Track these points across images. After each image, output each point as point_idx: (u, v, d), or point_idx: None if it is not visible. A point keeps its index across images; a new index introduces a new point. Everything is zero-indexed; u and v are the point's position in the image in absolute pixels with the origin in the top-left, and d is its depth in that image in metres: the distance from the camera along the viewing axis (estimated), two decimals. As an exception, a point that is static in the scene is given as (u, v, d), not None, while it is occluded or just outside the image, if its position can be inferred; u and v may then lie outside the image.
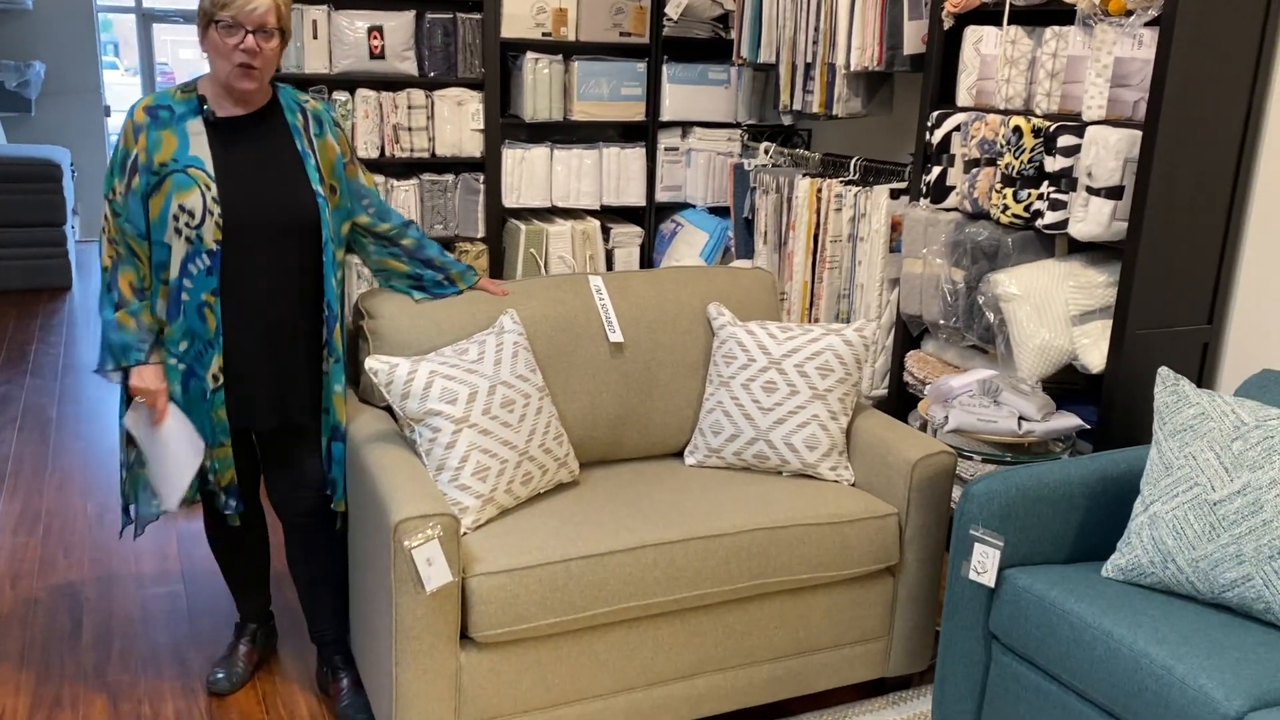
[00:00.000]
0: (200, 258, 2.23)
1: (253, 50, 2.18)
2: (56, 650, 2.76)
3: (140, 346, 2.26)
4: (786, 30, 3.89)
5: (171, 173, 2.20)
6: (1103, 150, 2.72)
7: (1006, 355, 2.97)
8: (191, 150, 2.22)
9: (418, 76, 4.13)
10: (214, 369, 2.30)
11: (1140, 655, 1.97)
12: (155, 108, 2.24)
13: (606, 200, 4.49)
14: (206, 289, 2.25)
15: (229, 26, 2.17)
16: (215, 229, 2.22)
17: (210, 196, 2.20)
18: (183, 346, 2.29)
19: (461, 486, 2.29)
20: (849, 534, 2.46)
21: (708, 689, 2.43)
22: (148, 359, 2.27)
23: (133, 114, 2.23)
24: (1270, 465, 2.06)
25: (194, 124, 2.24)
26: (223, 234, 2.23)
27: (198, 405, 2.34)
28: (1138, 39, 2.71)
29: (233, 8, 2.16)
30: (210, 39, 2.20)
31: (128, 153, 2.22)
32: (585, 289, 2.74)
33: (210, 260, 2.23)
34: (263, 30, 2.19)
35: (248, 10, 2.16)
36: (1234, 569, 2.06)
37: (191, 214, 2.20)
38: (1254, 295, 2.85)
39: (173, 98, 2.26)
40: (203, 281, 2.24)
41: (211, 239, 2.22)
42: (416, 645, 2.11)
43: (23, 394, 4.68)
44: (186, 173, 2.20)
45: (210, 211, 2.20)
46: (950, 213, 3.27)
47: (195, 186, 2.20)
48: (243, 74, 2.20)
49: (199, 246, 2.22)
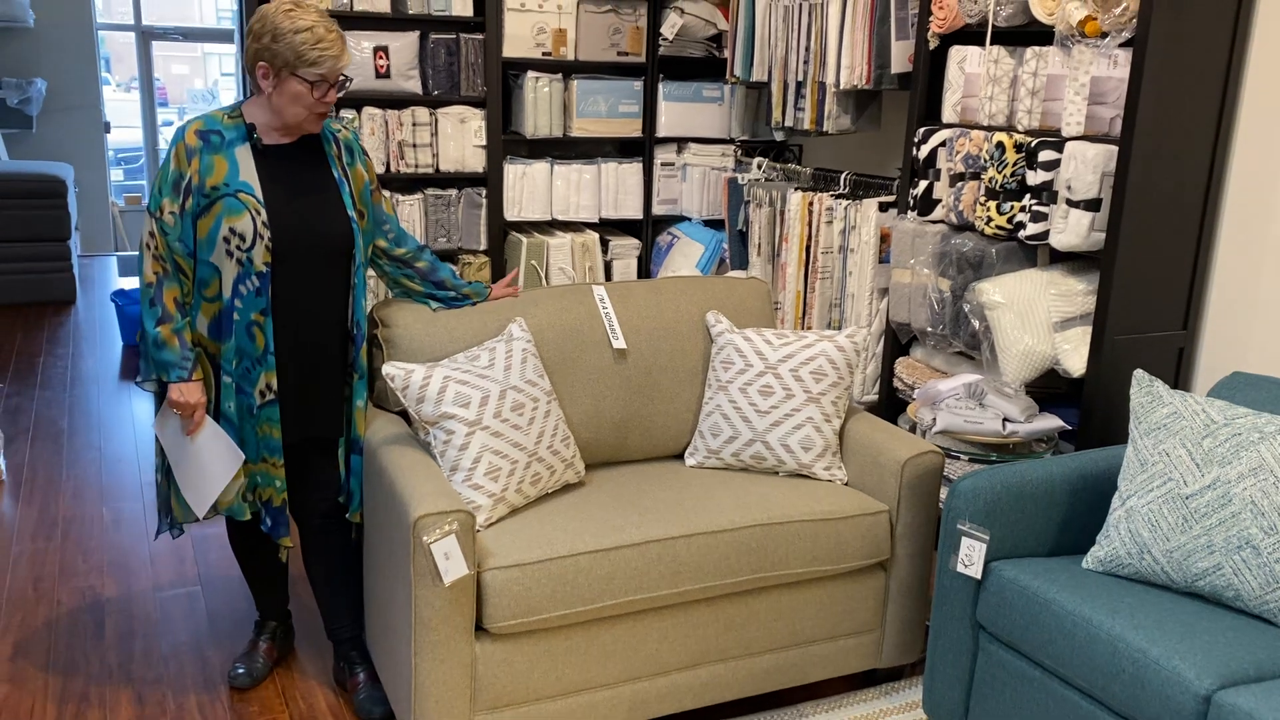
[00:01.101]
0: (250, 279, 2.34)
1: (331, 102, 2.33)
2: (81, 648, 2.86)
3: (183, 364, 2.36)
4: (778, 50, 4.03)
5: (222, 196, 2.31)
6: (1081, 165, 2.86)
7: (991, 360, 3.09)
8: (241, 175, 2.33)
9: (422, 95, 4.26)
10: (261, 385, 2.41)
11: (1118, 640, 2.09)
12: (206, 132, 2.34)
13: (605, 213, 4.62)
14: (256, 309, 2.36)
15: (317, 83, 2.30)
16: (265, 251, 2.33)
17: (260, 221, 2.32)
18: (234, 364, 2.40)
19: (475, 486, 2.40)
20: (843, 530, 2.58)
21: (709, 679, 2.55)
22: (190, 376, 2.37)
23: (184, 136, 2.32)
24: (1238, 460, 2.19)
25: (242, 150, 2.35)
26: (272, 256, 2.35)
27: (245, 421, 2.44)
28: (1113, 59, 2.85)
29: (323, 67, 2.28)
30: (287, 87, 2.30)
31: (181, 174, 2.32)
32: (589, 298, 2.86)
33: (260, 281, 2.35)
34: (337, 82, 2.34)
35: (336, 69, 2.30)
36: (1205, 559, 2.18)
37: (242, 237, 2.31)
38: (1226, 302, 2.99)
39: (221, 123, 2.36)
40: (252, 302, 2.36)
41: (261, 261, 2.34)
42: (434, 636, 2.22)
43: (34, 405, 4.78)
44: (237, 197, 2.31)
45: (260, 235, 2.32)
46: (937, 225, 3.41)
47: (246, 211, 2.31)
48: (316, 120, 2.35)
49: (249, 268, 2.34)
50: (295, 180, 2.39)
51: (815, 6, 3.82)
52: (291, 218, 2.36)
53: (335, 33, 2.32)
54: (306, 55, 2.27)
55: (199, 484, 2.43)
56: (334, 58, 2.29)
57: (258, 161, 2.36)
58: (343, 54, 2.32)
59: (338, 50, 2.30)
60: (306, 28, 2.27)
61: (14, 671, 2.74)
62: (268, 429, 2.44)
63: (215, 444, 2.41)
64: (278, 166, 2.38)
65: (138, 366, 5.26)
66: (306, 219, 2.38)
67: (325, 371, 2.48)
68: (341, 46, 2.32)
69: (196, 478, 2.43)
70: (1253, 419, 2.21)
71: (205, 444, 2.40)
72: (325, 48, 2.28)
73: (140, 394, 4.99)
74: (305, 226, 2.38)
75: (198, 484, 2.43)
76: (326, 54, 2.28)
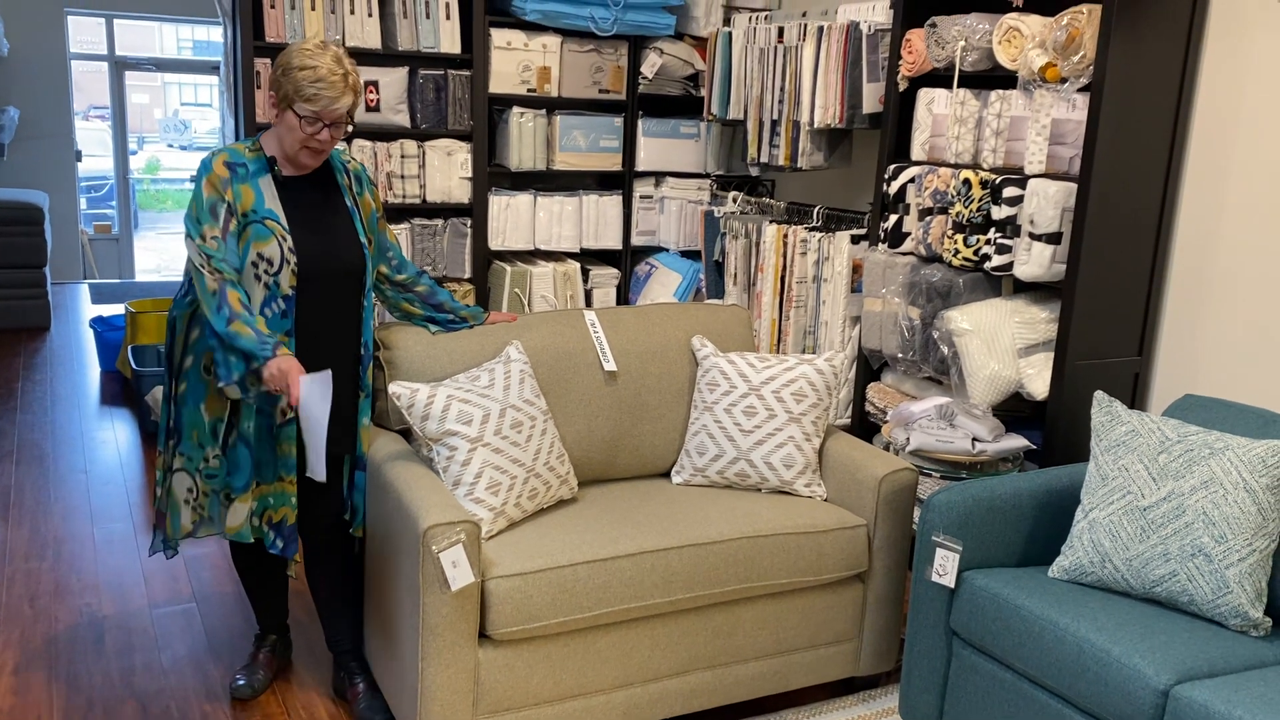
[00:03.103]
0: (276, 302, 2.45)
1: (326, 141, 2.43)
2: (82, 662, 2.92)
3: (264, 344, 2.36)
4: (754, 90, 4.22)
5: (251, 223, 2.43)
6: (1043, 200, 3.05)
7: (960, 385, 3.27)
8: (266, 204, 2.45)
9: (410, 128, 4.39)
10: (282, 404, 2.51)
11: (1083, 641, 2.24)
12: (233, 164, 2.45)
13: (586, 244, 4.77)
14: (281, 331, 2.47)
15: (310, 119, 2.40)
16: (291, 275, 2.45)
17: (286, 247, 2.44)
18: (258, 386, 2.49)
19: (476, 500, 2.52)
20: (824, 543, 2.72)
21: (697, 685, 2.67)
22: (274, 352, 2.36)
23: (213, 168, 2.42)
24: (1191, 474, 2.36)
25: (265, 180, 2.47)
26: (297, 280, 2.46)
27: (264, 441, 2.53)
28: (1072, 103, 3.05)
29: (317, 105, 2.38)
30: (287, 119, 2.42)
31: (219, 200, 2.41)
32: (581, 323, 3.00)
33: (285, 305, 2.46)
34: (336, 123, 2.43)
35: (332, 110, 2.40)
36: (1162, 566, 2.35)
37: (270, 262, 2.43)
38: (1177, 330, 3.18)
39: (244, 155, 2.47)
40: (278, 324, 2.47)
41: (287, 285, 2.45)
42: (440, 642, 2.33)
43: (15, 429, 4.81)
44: (264, 224, 2.43)
45: (287, 260, 2.44)
46: (906, 256, 3.59)
47: (272, 237, 2.43)
48: (311, 155, 2.45)
49: (275, 292, 2.45)
50: (313, 208, 2.52)
51: (790, 49, 4.02)
52: (312, 244, 2.48)
53: (340, 76, 2.40)
54: (304, 91, 2.38)
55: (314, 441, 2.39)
56: (329, 98, 2.38)
57: (279, 191, 2.48)
58: (341, 97, 2.40)
59: (335, 92, 2.39)
60: (312, 66, 2.39)
61: (18, 684, 2.80)
62: (286, 448, 2.54)
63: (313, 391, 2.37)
64: (297, 195, 2.50)
65: (119, 391, 5.29)
66: (325, 245, 2.51)
67: (338, 391, 2.59)
68: (341, 90, 2.40)
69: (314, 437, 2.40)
70: (1204, 436, 2.39)
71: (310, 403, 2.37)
72: (323, 87, 2.38)
73: (123, 418, 5.04)
74: (325, 252, 2.50)
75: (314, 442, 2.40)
76: (322, 93, 2.38)
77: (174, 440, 2.60)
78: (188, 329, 2.54)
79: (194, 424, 2.56)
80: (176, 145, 16.90)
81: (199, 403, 2.55)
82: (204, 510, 2.62)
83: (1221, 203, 3.06)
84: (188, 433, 2.57)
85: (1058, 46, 2.99)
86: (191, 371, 2.55)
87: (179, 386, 2.57)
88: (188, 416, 2.57)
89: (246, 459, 2.54)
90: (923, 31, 3.49)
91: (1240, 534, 2.28)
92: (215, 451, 2.56)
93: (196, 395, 2.55)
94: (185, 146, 16.83)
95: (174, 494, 2.62)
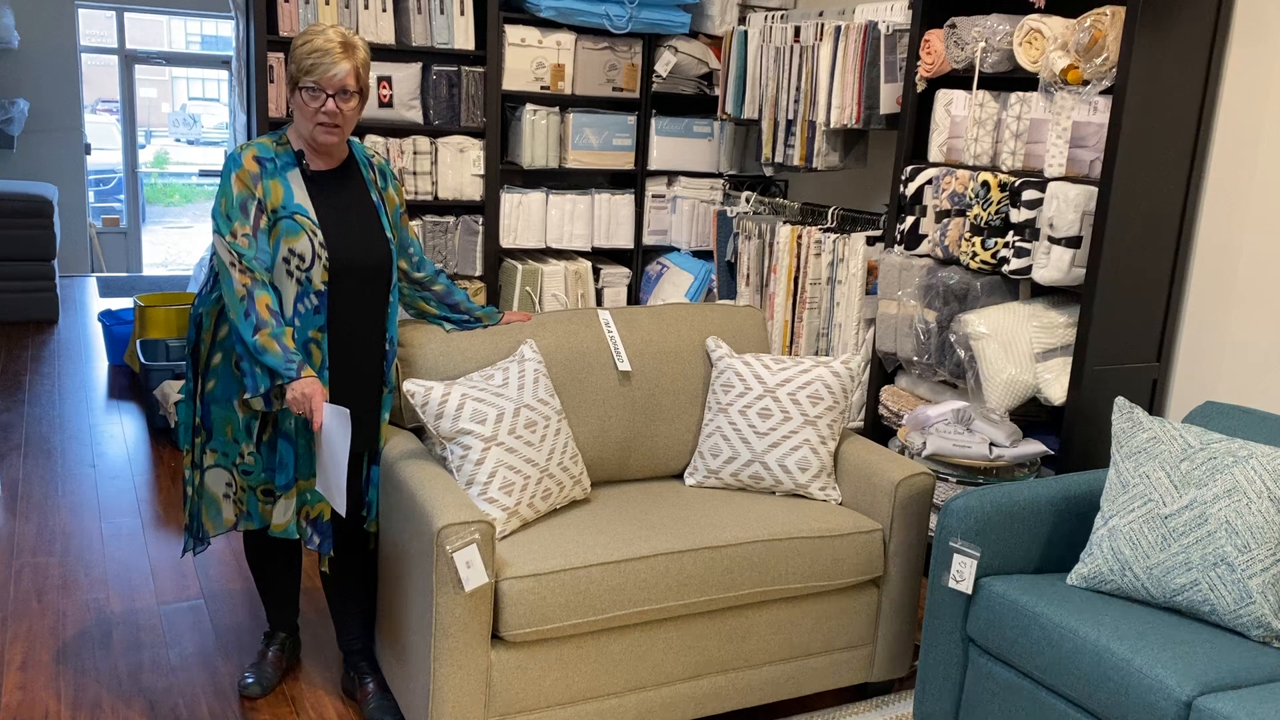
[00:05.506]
0: (309, 297, 2.43)
1: (333, 113, 2.40)
2: (90, 658, 2.91)
3: (289, 364, 2.33)
4: (769, 89, 4.19)
5: (281, 219, 2.40)
6: (1063, 204, 3.02)
7: (976, 389, 3.24)
8: (296, 199, 2.43)
9: (423, 124, 4.37)
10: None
11: (1103, 650, 2.21)
12: (262, 159, 2.43)
13: (597, 242, 4.75)
14: (314, 326, 2.45)
15: (312, 90, 2.38)
16: (323, 270, 2.42)
17: (317, 242, 2.41)
18: None
19: (489, 500, 2.50)
20: (839, 547, 2.69)
21: (710, 689, 2.65)
22: (299, 374, 2.35)
23: (242, 163, 2.40)
24: (1213, 483, 2.33)
25: (294, 174, 2.45)
26: (329, 275, 2.44)
27: (301, 436, 2.51)
28: (1093, 105, 3.02)
29: (315, 74, 2.37)
30: (296, 99, 2.41)
31: (249, 196, 2.39)
32: (595, 323, 2.98)
33: (318, 300, 2.44)
34: (343, 93, 2.40)
35: (329, 77, 2.37)
36: (1183, 575, 2.32)
37: (301, 257, 2.40)
38: (1197, 336, 3.16)
39: (272, 150, 2.45)
40: (311, 319, 2.45)
41: (320, 280, 2.43)
42: (453, 643, 2.31)
43: (23, 422, 4.80)
44: (294, 219, 2.40)
45: (319, 255, 2.41)
46: (923, 259, 3.56)
47: (303, 232, 2.40)
48: (324, 130, 2.42)
49: (308, 287, 2.42)
50: (341, 203, 2.49)
51: (806, 49, 3.99)
52: (342, 238, 2.46)
53: (338, 44, 2.37)
54: (304, 63, 2.38)
55: (333, 474, 2.36)
56: (326, 65, 2.36)
57: (308, 185, 2.46)
58: (337, 64, 2.36)
59: (331, 59, 2.36)
60: (310, 38, 2.39)
61: (25, 679, 2.79)
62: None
63: (334, 423, 2.35)
64: (325, 190, 2.48)
65: (127, 385, 5.27)
66: (354, 240, 2.48)
67: (365, 386, 2.57)
68: (338, 57, 2.37)
69: (333, 471, 2.36)
70: (1227, 444, 2.36)
71: (331, 432, 2.35)
72: (319, 56, 2.36)
73: (131, 412, 5.02)
74: (354, 247, 2.48)
75: (333, 476, 2.36)
76: (320, 61, 2.36)
77: (202, 438, 2.57)
78: (215, 325, 2.52)
79: (226, 420, 2.55)
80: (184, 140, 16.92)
81: (231, 398, 2.53)
82: (243, 505, 2.60)
83: (1244, 208, 3.03)
84: (219, 429, 2.55)
85: (1080, 48, 2.96)
86: (221, 368, 2.52)
87: (206, 384, 2.54)
88: (218, 413, 2.54)
89: (290, 455, 2.51)
90: (942, 32, 3.47)
91: (1264, 544, 2.25)
92: (250, 448, 2.54)
93: (229, 391, 2.53)
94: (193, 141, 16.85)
95: (209, 490, 2.59)
